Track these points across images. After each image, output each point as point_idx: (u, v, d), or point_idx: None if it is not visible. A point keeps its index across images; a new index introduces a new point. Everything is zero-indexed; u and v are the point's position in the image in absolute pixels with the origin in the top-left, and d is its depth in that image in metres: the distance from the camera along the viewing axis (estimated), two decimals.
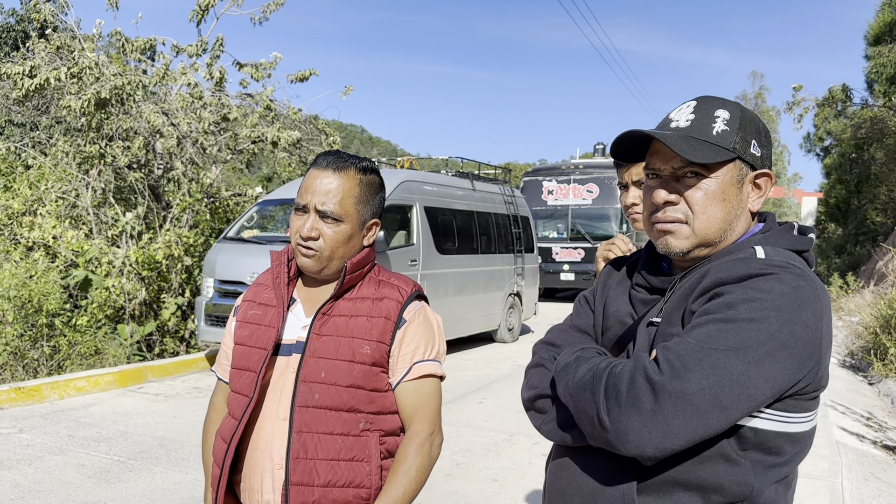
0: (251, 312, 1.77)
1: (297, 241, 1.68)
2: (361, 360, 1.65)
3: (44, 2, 10.17)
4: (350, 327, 1.67)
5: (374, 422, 1.67)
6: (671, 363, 1.15)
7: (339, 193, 1.67)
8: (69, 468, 4.81)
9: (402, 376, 1.70)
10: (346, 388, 1.64)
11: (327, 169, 1.69)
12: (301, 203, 1.68)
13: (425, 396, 1.72)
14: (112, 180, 9.81)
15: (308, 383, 1.64)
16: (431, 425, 1.71)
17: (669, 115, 1.39)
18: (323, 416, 1.63)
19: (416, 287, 1.79)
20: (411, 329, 1.72)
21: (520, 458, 5.28)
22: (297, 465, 1.61)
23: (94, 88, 8.97)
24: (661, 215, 1.35)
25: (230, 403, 1.75)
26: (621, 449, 1.17)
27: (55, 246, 8.86)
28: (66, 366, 7.48)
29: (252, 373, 1.68)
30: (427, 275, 9.00)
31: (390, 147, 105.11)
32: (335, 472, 1.62)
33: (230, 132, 10.53)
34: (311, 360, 1.65)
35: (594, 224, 17.44)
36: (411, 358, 1.71)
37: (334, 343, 1.66)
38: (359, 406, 1.65)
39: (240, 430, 1.64)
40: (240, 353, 1.74)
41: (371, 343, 1.67)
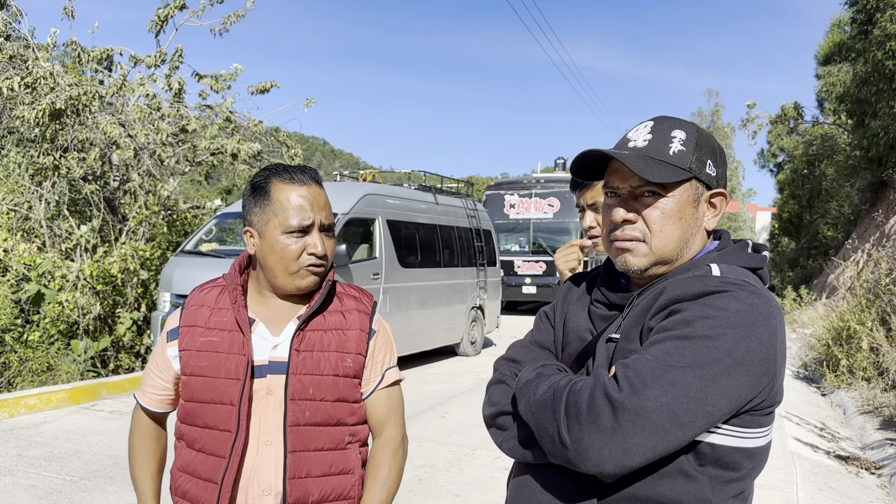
0: (201, 339, 1.66)
1: (309, 263, 1.62)
2: (345, 373, 1.66)
3: None
4: (327, 341, 1.66)
5: (354, 433, 1.71)
6: (630, 380, 1.16)
7: (329, 205, 1.69)
8: (18, 489, 4.66)
9: (377, 385, 1.74)
10: (334, 402, 1.65)
11: (311, 183, 1.65)
12: (304, 223, 1.61)
13: (395, 402, 1.77)
14: (66, 192, 9.59)
15: (297, 401, 1.61)
16: (402, 429, 1.78)
17: (627, 135, 1.42)
18: (314, 433, 1.63)
19: (372, 297, 1.82)
20: (380, 338, 1.76)
21: (482, 472, 5.27)
22: (294, 485, 1.59)
23: (49, 99, 8.78)
24: (620, 233, 1.37)
25: (196, 439, 1.65)
26: (581, 467, 1.18)
27: (6, 259, 8.60)
28: (17, 383, 7.26)
29: (228, 406, 1.60)
30: (389, 288, 8.97)
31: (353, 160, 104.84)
32: (326, 486, 1.63)
33: (189, 144, 10.40)
34: (296, 378, 1.61)
35: (555, 238, 17.60)
36: (382, 366, 1.75)
37: (315, 358, 1.64)
38: (344, 419, 1.67)
39: (233, 467, 1.57)
40: (201, 385, 1.63)
41: (352, 355, 1.68)
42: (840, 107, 20.97)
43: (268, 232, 1.63)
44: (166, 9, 9.96)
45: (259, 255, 1.66)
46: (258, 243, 1.66)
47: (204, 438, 1.63)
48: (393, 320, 8.96)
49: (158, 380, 1.75)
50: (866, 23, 16.88)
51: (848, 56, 20.02)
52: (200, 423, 1.64)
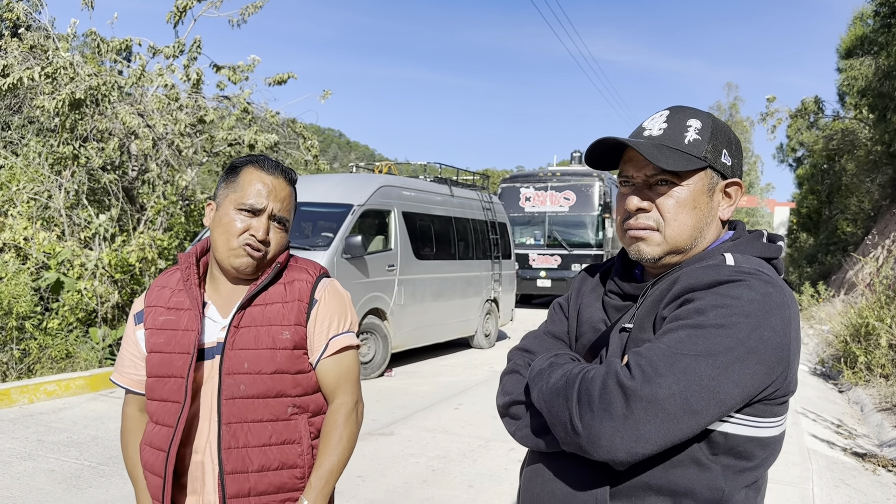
0: (162, 318, 1.74)
1: (246, 242, 1.67)
2: (283, 345, 1.68)
3: (17, 0, 10.03)
4: (267, 315, 1.70)
5: (300, 404, 1.71)
6: (642, 368, 1.16)
7: (290, 202, 1.74)
8: (38, 473, 4.73)
9: (321, 353, 1.74)
10: (271, 374, 1.67)
11: (279, 176, 1.72)
12: (255, 206, 1.68)
13: (345, 369, 1.76)
14: (85, 182, 9.68)
15: (232, 375, 1.65)
16: (355, 395, 1.77)
17: (643, 124, 1.42)
18: (250, 405, 1.65)
19: (322, 269, 1.83)
20: (323, 306, 1.75)
21: (496, 464, 5.29)
22: (230, 455, 1.63)
23: (69, 89, 8.86)
24: (634, 222, 1.37)
25: (155, 412, 1.72)
26: (593, 454, 1.18)
27: (26, 247, 8.71)
28: (37, 369, 7.36)
29: (179, 378, 1.67)
30: (404, 280, 8.99)
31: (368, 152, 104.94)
32: (268, 456, 1.65)
33: (206, 134, 10.45)
34: (231, 353, 1.66)
35: (570, 231, 17.56)
36: (327, 334, 1.75)
37: (253, 333, 1.68)
38: (285, 391, 1.68)
39: (177, 436, 1.63)
40: (158, 360, 1.71)
41: (289, 328, 1.69)
42: (861, 101, 20.72)
43: (223, 205, 1.71)
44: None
45: (211, 227, 1.73)
46: (213, 216, 1.74)
47: (159, 411, 1.70)
48: (407, 312, 8.99)
49: (133, 359, 1.81)
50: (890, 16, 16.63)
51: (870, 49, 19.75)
52: (157, 397, 1.71)
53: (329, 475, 1.67)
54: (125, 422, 1.86)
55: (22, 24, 10.11)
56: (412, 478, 4.91)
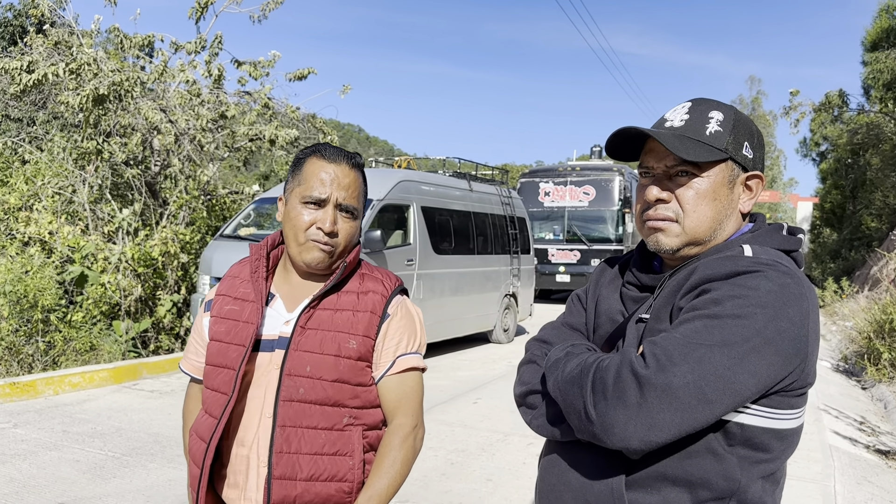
0: (227, 308, 1.72)
1: (314, 237, 1.63)
2: (347, 354, 1.64)
3: None
4: (335, 321, 1.66)
5: (357, 416, 1.67)
6: (657, 357, 1.17)
7: (356, 189, 1.67)
8: (64, 464, 4.81)
9: (386, 370, 1.70)
10: (332, 382, 1.63)
11: (342, 163, 1.66)
12: (319, 196, 1.63)
13: (409, 390, 1.72)
14: (109, 176, 9.80)
15: (293, 377, 1.62)
16: (415, 418, 1.71)
17: (664, 115, 1.42)
18: (307, 410, 1.62)
19: (398, 282, 1.78)
20: (395, 323, 1.71)
21: (514, 458, 5.30)
22: (280, 459, 1.59)
23: (92, 84, 8.97)
24: (653, 213, 1.37)
25: (206, 401, 1.71)
26: (607, 442, 1.19)
27: (51, 241, 8.85)
28: (61, 361, 7.48)
29: (230, 370, 1.65)
30: (423, 274, 9.01)
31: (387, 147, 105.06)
32: (318, 466, 1.61)
33: (228, 130, 10.53)
34: (295, 354, 1.63)
35: (590, 226, 17.48)
36: (394, 352, 1.70)
37: (319, 337, 1.64)
38: (343, 400, 1.65)
39: (220, 428, 1.61)
40: (216, 349, 1.70)
41: (357, 337, 1.65)
42: (887, 94, 20.40)
43: (290, 199, 1.68)
44: None
45: (282, 222, 1.71)
46: (283, 210, 1.71)
47: (209, 400, 1.70)
48: (426, 306, 9.01)
49: (198, 346, 1.82)
50: None
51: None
52: (210, 386, 1.71)
53: (377, 499, 1.60)
54: (187, 401, 1.86)
55: (46, 21, 10.24)
56: (431, 471, 4.93)
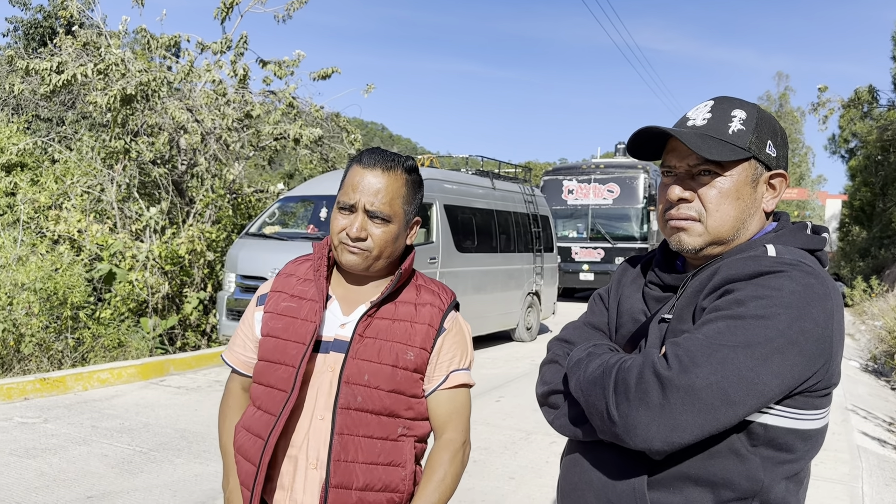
0: (284, 304, 1.72)
1: (343, 240, 1.65)
2: (405, 365, 1.64)
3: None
4: (393, 331, 1.66)
5: (410, 427, 1.68)
6: (680, 358, 1.17)
7: (389, 193, 1.64)
8: (93, 458, 4.90)
9: (439, 384, 1.70)
10: (388, 392, 1.63)
11: (376, 168, 1.65)
12: (348, 202, 1.64)
13: (459, 405, 1.72)
14: (136, 175, 9.95)
15: (351, 385, 1.62)
16: (465, 434, 1.72)
17: (687, 114, 1.41)
18: (364, 419, 1.62)
19: (453, 296, 1.78)
20: (450, 338, 1.71)
21: (537, 456, 5.30)
22: (339, 467, 1.59)
23: (120, 84, 9.10)
24: (675, 212, 1.37)
25: (259, 396, 1.71)
26: (629, 442, 1.19)
27: (80, 239, 9.00)
28: (90, 358, 7.61)
29: (289, 367, 1.64)
30: (446, 273, 9.02)
31: (410, 145, 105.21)
32: (373, 476, 1.61)
33: (253, 129, 10.62)
34: (353, 363, 1.62)
35: (614, 224, 17.37)
36: (448, 366, 1.71)
37: (377, 346, 1.64)
38: (398, 411, 1.65)
39: (279, 426, 1.61)
40: (273, 345, 1.69)
41: (415, 349, 1.66)
42: None
43: (335, 205, 1.71)
44: None
45: None
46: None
47: (263, 396, 1.69)
48: None
49: (246, 340, 1.81)
50: None
51: None
52: (265, 382, 1.70)
53: None
54: (227, 396, 1.86)
55: (76, 22, 10.41)
56: None
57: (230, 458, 1.77)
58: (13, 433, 5.38)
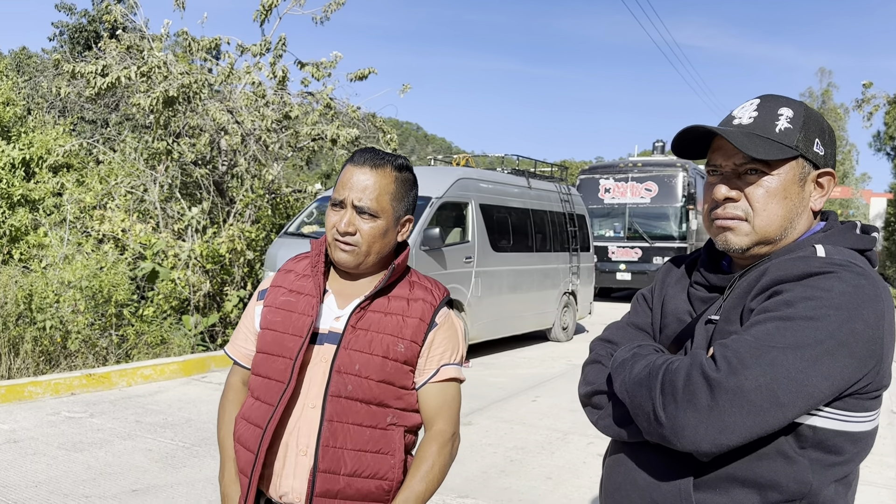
0: (282, 298, 1.79)
1: (335, 236, 1.72)
2: (395, 357, 1.70)
3: (115, 3, 10.56)
4: (384, 324, 1.71)
5: (400, 417, 1.73)
6: (728, 360, 1.16)
7: (376, 190, 1.71)
8: (137, 452, 5.01)
9: (430, 377, 1.75)
10: (378, 382, 1.69)
11: (364, 166, 1.72)
12: (338, 198, 1.72)
13: (449, 398, 1.77)
14: (178, 176, 10.13)
15: (342, 374, 1.68)
16: (453, 427, 1.77)
17: (732, 113, 1.40)
18: (354, 407, 1.68)
19: (446, 292, 1.83)
20: (441, 332, 1.76)
21: (574, 457, 5.27)
22: (327, 452, 1.65)
23: (163, 87, 9.29)
24: (721, 212, 1.36)
25: (257, 387, 1.77)
26: (677, 444, 1.19)
27: (124, 239, 9.21)
28: (134, 354, 7.78)
29: (287, 359, 1.71)
30: (481, 272, 9.03)
31: (445, 144, 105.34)
32: (361, 462, 1.67)
33: (291, 130, 10.75)
34: (345, 353, 1.69)
35: (652, 223, 17.17)
36: (439, 360, 1.76)
37: (369, 338, 1.70)
38: (388, 401, 1.70)
39: (277, 415, 1.67)
40: (271, 338, 1.76)
41: (405, 342, 1.71)
42: None
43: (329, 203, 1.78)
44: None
45: None
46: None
47: (262, 388, 1.75)
48: (484, 304, 9.02)
49: (247, 333, 1.89)
50: None
51: None
52: (263, 373, 1.76)
53: (414, 501, 1.67)
54: (226, 391, 1.92)
55: (119, 26, 10.64)
56: (490, 467, 4.96)
57: (227, 452, 1.83)
58: (61, 427, 5.53)
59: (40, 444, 5.09)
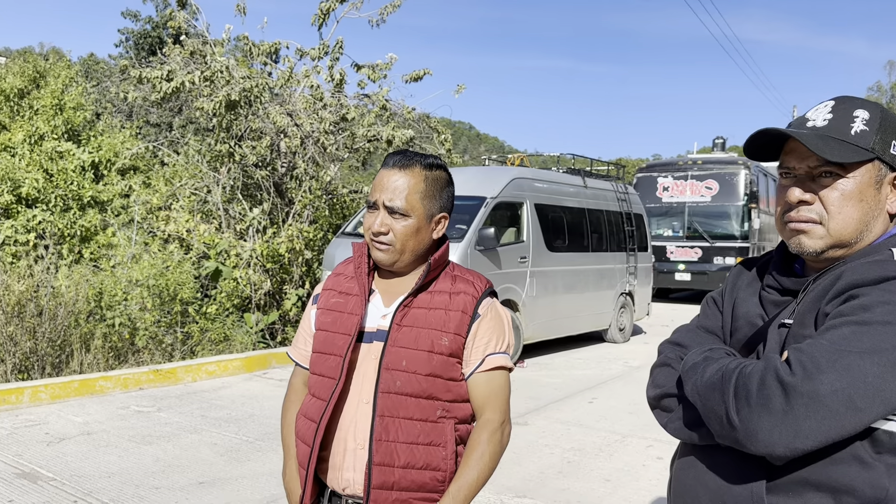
0: (333, 300, 1.87)
1: (370, 237, 1.79)
2: (440, 350, 1.75)
3: (178, 9, 10.88)
4: (429, 319, 1.77)
5: (450, 409, 1.78)
6: (803, 364, 1.16)
7: (406, 189, 1.76)
8: (203, 446, 5.18)
9: (476, 367, 1.79)
10: (426, 376, 1.74)
11: (394, 167, 1.78)
12: (371, 201, 1.79)
13: (496, 387, 1.81)
14: (240, 177, 10.39)
15: (390, 371, 1.74)
16: (503, 415, 1.81)
17: (806, 115, 1.39)
18: (403, 401, 1.73)
19: (488, 284, 1.87)
20: (485, 323, 1.80)
21: (633, 459, 5.22)
22: (380, 446, 1.71)
23: (225, 91, 9.53)
24: (795, 214, 1.35)
25: (313, 385, 1.86)
26: (751, 448, 1.19)
27: (189, 239, 9.50)
28: (198, 351, 8.02)
29: (337, 357, 1.79)
30: (536, 272, 9.00)
31: (497, 143, 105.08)
32: (414, 454, 1.72)
33: (348, 132, 10.90)
34: (392, 349, 1.75)
35: (713, 222, 16.77)
36: (484, 350, 1.80)
37: (414, 334, 1.75)
38: (436, 394, 1.75)
39: (329, 410, 1.75)
40: (323, 338, 1.85)
41: (449, 335, 1.76)
42: None
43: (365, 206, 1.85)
44: (328, 2, 10.48)
45: None
46: None
47: (317, 385, 1.84)
48: (539, 304, 9.00)
49: (305, 336, 1.98)
50: None
51: None
52: (317, 371, 1.85)
53: (467, 489, 1.71)
54: (289, 391, 2.02)
55: (182, 32, 10.96)
56: (547, 468, 4.95)
57: (289, 450, 1.93)
58: (131, 421, 5.75)
59: (112, 437, 5.30)
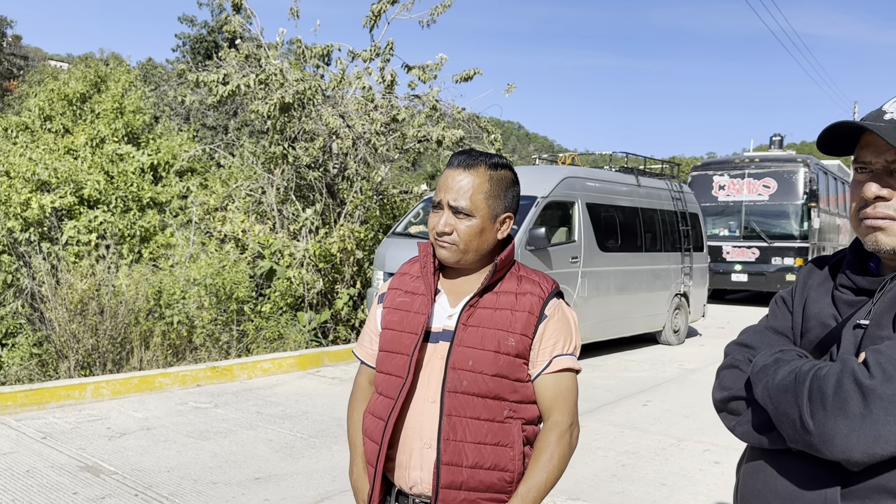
0: (399, 300, 1.88)
1: (434, 236, 1.79)
2: (506, 350, 1.74)
3: (233, 14, 11.09)
4: (495, 319, 1.76)
5: (517, 410, 1.77)
6: (883, 366, 1.11)
7: (470, 189, 1.76)
8: (259, 442, 5.26)
9: (543, 369, 1.78)
10: (492, 376, 1.73)
11: (458, 167, 1.78)
12: (436, 200, 1.80)
13: (564, 389, 1.79)
14: (293, 179, 10.54)
15: (456, 370, 1.73)
16: (571, 417, 1.79)
17: (883, 108, 1.33)
18: (470, 401, 1.73)
19: (555, 285, 1.85)
20: (552, 324, 1.79)
21: (689, 464, 5.12)
22: (448, 446, 1.70)
23: (279, 94, 9.68)
24: (871, 211, 1.30)
25: (380, 384, 1.86)
26: (826, 453, 1.14)
27: (244, 239, 9.68)
28: (253, 349, 8.17)
29: (404, 356, 1.79)
30: (588, 272, 8.90)
31: (547, 143, 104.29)
32: (482, 454, 1.71)
33: (398, 132, 10.96)
34: (458, 349, 1.74)
35: (771, 222, 16.33)
36: (551, 352, 1.78)
37: (480, 334, 1.75)
38: (503, 394, 1.74)
39: (396, 408, 1.75)
40: (390, 337, 1.85)
41: (515, 335, 1.75)
42: None
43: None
44: (380, 4, 10.54)
45: None
46: None
47: (384, 383, 1.85)
48: (591, 304, 8.89)
49: (371, 334, 1.99)
50: None
51: None
52: (384, 370, 1.86)
53: (537, 491, 1.70)
54: (355, 390, 2.03)
55: (238, 36, 11.17)
56: (601, 471, 4.88)
57: (356, 449, 1.94)
58: (189, 416, 5.88)
59: (171, 433, 5.43)
